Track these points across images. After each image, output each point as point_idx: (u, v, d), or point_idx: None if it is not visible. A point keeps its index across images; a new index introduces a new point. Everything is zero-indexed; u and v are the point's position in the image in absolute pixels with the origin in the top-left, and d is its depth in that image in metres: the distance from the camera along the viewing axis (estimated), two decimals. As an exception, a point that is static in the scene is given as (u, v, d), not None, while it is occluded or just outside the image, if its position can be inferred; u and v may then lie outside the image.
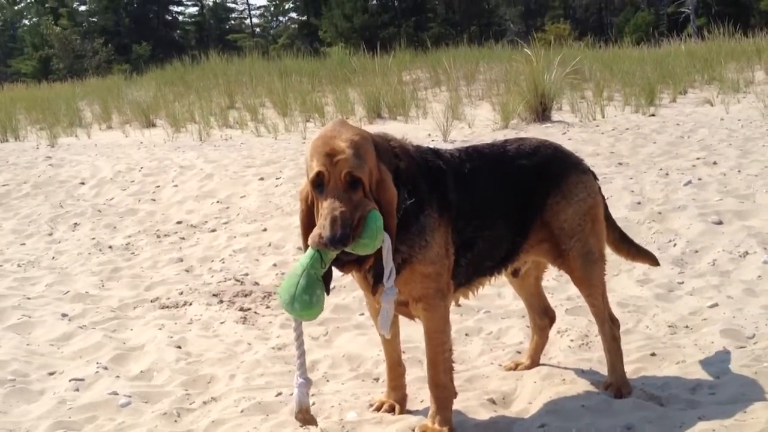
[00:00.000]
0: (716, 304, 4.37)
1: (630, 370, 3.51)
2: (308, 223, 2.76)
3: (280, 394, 3.53)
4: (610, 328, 3.38)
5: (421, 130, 12.62)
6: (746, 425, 2.93)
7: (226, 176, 9.14)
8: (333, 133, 2.72)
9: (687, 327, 4.13)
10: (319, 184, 2.65)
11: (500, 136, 11.01)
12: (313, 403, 3.37)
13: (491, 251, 3.20)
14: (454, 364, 3.10)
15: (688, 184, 6.90)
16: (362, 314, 4.64)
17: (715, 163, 7.72)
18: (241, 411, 3.37)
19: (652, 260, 3.79)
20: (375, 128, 13.20)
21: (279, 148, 11.29)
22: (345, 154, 2.63)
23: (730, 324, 4.05)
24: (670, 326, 4.14)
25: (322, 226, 2.56)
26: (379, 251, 2.66)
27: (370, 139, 2.77)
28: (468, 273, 3.15)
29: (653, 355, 3.73)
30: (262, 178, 8.79)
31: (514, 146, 3.34)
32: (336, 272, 2.81)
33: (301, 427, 2.72)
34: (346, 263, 2.69)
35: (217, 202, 8.11)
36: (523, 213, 3.26)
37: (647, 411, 3.11)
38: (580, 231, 3.29)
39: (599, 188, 3.47)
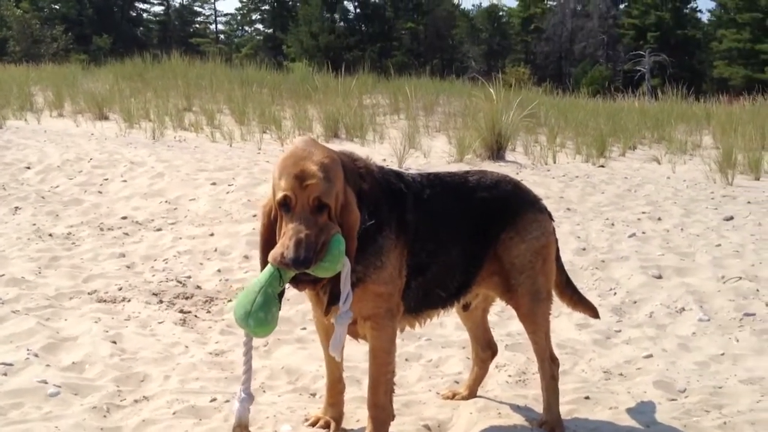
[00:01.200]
0: (651, 355, 4.46)
1: (564, 410, 3.56)
2: (268, 237, 2.74)
3: (214, 399, 3.49)
4: (549, 366, 3.43)
5: (377, 154, 12.64)
6: (673, 475, 2.99)
7: (177, 177, 9.03)
8: (304, 153, 2.71)
9: (621, 374, 4.20)
10: (285, 205, 2.64)
11: (454, 169, 11.13)
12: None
13: (444, 279, 3.23)
14: (394, 387, 3.10)
15: (632, 237, 7.06)
16: (304, 328, 4.62)
17: (659, 219, 7.91)
18: (174, 413, 3.31)
19: (593, 312, 3.86)
20: (335, 147, 13.27)
21: (233, 156, 11.19)
22: (315, 179, 2.64)
23: (663, 376, 4.14)
24: (605, 372, 4.21)
25: (286, 246, 2.55)
26: (338, 274, 2.66)
27: (339, 162, 2.77)
28: (418, 298, 3.17)
29: (587, 398, 3.79)
30: (214, 183, 8.71)
31: (476, 178, 3.39)
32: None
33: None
34: (302, 282, 2.68)
35: (166, 201, 8.00)
36: (478, 244, 3.30)
37: (579, 453, 3.15)
38: (531, 268, 3.34)
39: (553, 229, 3.53)
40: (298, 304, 4.95)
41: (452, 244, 3.22)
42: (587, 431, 3.42)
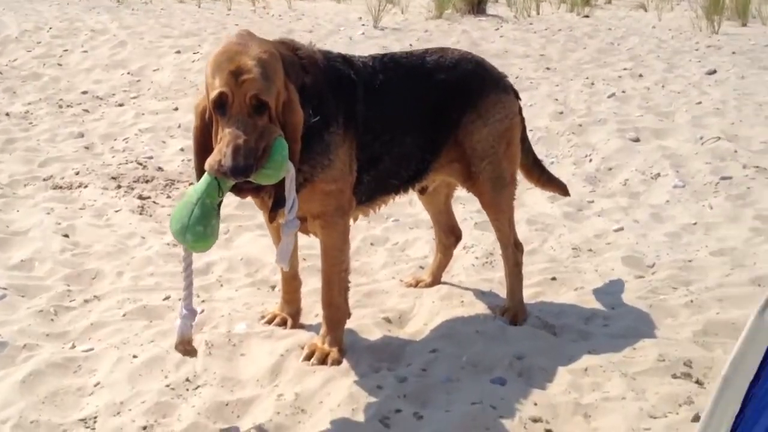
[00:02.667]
0: (622, 228, 4.36)
1: (529, 294, 3.47)
2: (203, 141, 2.50)
3: (168, 297, 3.38)
4: (513, 253, 3.32)
5: (352, 11, 12.18)
6: (633, 362, 2.93)
7: (141, 45, 8.66)
8: (239, 48, 2.43)
9: (590, 250, 4.11)
10: (221, 105, 2.36)
11: (432, 26, 10.72)
12: (202, 311, 3.24)
13: (398, 169, 3.05)
14: (350, 284, 2.99)
15: (612, 97, 6.84)
16: (266, 212, 4.48)
17: (641, 75, 7.66)
18: (124, 315, 3.21)
19: (563, 190, 3.71)
20: (306, 6, 12.74)
21: (201, 18, 10.73)
22: (252, 74, 2.35)
23: (633, 251, 4.05)
24: (574, 248, 4.12)
25: (223, 154, 2.30)
26: (282, 179, 2.46)
27: (278, 57, 2.50)
28: (370, 190, 3.00)
29: (554, 279, 3.70)
30: (179, 51, 8.36)
31: (434, 58, 3.14)
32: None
33: (182, 355, 2.57)
34: (243, 189, 2.47)
35: (128, 73, 7.69)
36: (436, 130, 3.09)
37: (539, 341, 3.08)
38: (493, 153, 3.16)
39: (520, 109, 3.32)
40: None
41: (408, 133, 3.02)
42: (551, 315, 3.34)
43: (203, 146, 2.50)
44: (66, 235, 4.01)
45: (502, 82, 3.26)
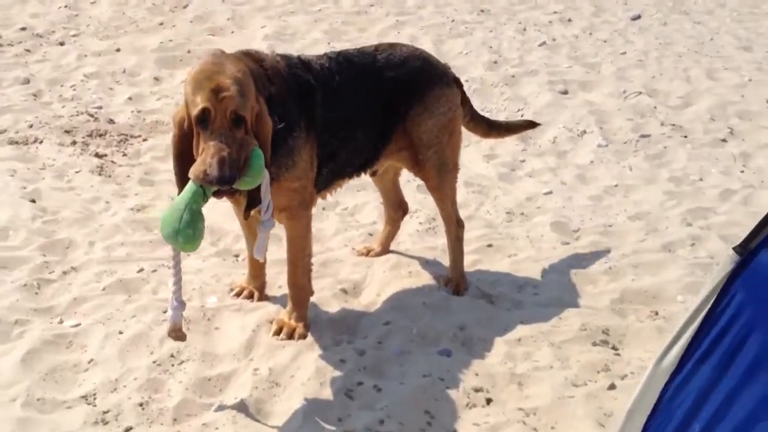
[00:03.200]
0: (550, 192, 4.78)
1: (468, 262, 3.87)
2: (182, 148, 2.77)
3: (141, 270, 3.67)
4: (455, 229, 3.70)
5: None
6: (559, 332, 3.39)
7: (73, -26, 8.49)
8: (216, 67, 2.70)
9: (522, 214, 4.53)
10: (203, 120, 2.64)
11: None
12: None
13: (352, 159, 3.38)
14: (312, 266, 3.33)
15: (543, 45, 7.18)
16: (221, 172, 4.73)
17: (570, 20, 8.00)
18: (103, 289, 3.49)
19: (529, 124, 4.13)
20: None
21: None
22: (230, 92, 2.63)
23: (560, 215, 4.48)
24: (507, 212, 4.53)
25: (209, 165, 2.58)
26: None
27: (249, 74, 2.77)
28: (328, 180, 3.33)
29: (489, 246, 4.11)
30: (113, -18, 8.25)
31: (384, 56, 3.43)
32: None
33: (174, 340, 2.89)
34: (222, 193, 2.75)
35: (65, 6, 7.61)
36: (387, 123, 3.42)
37: (479, 311, 3.50)
38: (438, 143, 3.50)
39: (465, 98, 3.65)
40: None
41: (362, 128, 3.34)
42: (488, 284, 3.76)
43: (182, 153, 2.78)
44: (33, 200, 4.21)
45: (446, 77, 3.57)
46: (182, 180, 2.76)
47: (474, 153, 5.25)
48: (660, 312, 3.59)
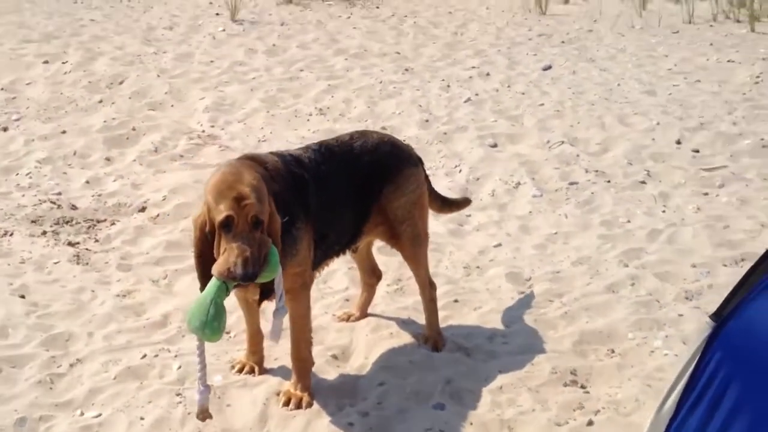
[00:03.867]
0: (500, 244, 5.23)
1: (440, 318, 4.27)
2: (204, 249, 3.09)
3: (144, 356, 3.91)
4: (429, 292, 4.10)
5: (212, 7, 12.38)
6: (534, 376, 3.82)
7: (3, 55, 8.62)
8: (234, 177, 3.05)
9: (478, 268, 4.96)
10: (227, 225, 2.96)
11: (286, 14, 11.17)
12: (179, 367, 3.82)
13: (340, 239, 3.76)
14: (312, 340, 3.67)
15: (468, 101, 7.71)
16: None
17: (488, 74, 8.58)
18: (114, 377, 3.72)
19: (466, 202, 4.64)
20: None
21: (54, 13, 10.61)
22: (251, 199, 2.98)
23: (512, 266, 4.94)
24: (465, 267, 4.95)
25: (233, 263, 2.90)
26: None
27: (262, 180, 3.12)
28: (320, 260, 3.69)
29: (456, 301, 4.52)
30: (46, 61, 8.42)
31: (359, 143, 3.82)
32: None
33: (202, 421, 3.17)
34: (242, 286, 3.09)
35: (1, 89, 7.74)
36: (365, 203, 3.81)
37: (459, 365, 3.90)
38: (410, 217, 3.91)
39: (426, 176, 4.07)
40: (179, 223, 5.30)
41: (346, 210, 3.72)
42: (462, 337, 4.16)
43: (204, 254, 3.11)
44: (23, 296, 4.39)
45: (412, 158, 4.01)
46: (204, 276, 3.09)
47: (424, 212, 5.66)
48: (616, 350, 4.06)
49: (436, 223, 5.52)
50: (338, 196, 3.67)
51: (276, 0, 12.00)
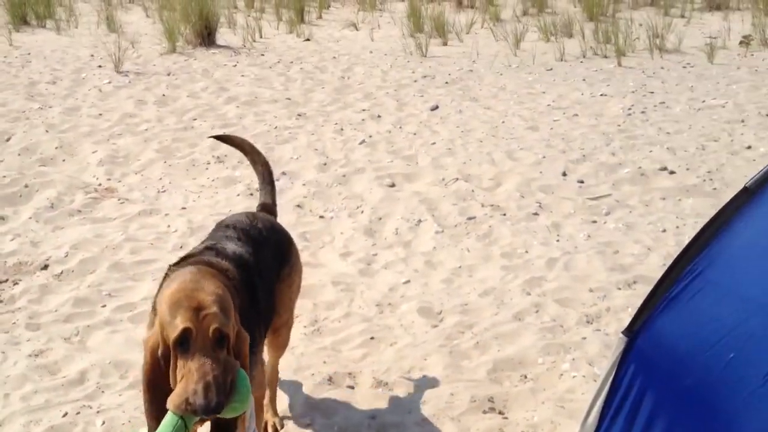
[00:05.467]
0: (408, 281, 5.40)
1: (358, 354, 4.41)
2: (156, 379, 2.50)
3: (66, 414, 3.85)
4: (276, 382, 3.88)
5: (80, 47, 12.20)
6: (455, 406, 3.98)
7: None
8: (195, 285, 2.53)
9: (390, 304, 5.11)
10: (184, 341, 2.40)
11: (171, 63, 11.14)
12: (103, 423, 3.78)
13: (268, 323, 3.38)
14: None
15: (363, 144, 7.92)
16: (104, 306, 4.95)
17: (379, 116, 8.83)
18: (38, 440, 3.65)
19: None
20: (29, 41, 12.45)
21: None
22: (213, 309, 2.44)
23: (423, 301, 5.11)
24: (377, 305, 5.09)
25: (193, 392, 2.32)
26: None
27: (227, 289, 2.63)
28: None
29: (372, 338, 4.65)
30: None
31: (258, 224, 3.44)
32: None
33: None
34: (206, 421, 2.51)
35: None
36: (275, 283, 3.44)
37: (382, 400, 4.03)
38: (294, 299, 3.68)
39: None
40: (85, 277, 5.23)
41: (271, 294, 3.36)
42: (381, 373, 4.29)
43: (155, 385, 2.49)
44: (-73, 364, 4.23)
45: (292, 239, 3.72)
46: (156, 413, 2.47)
47: (330, 252, 5.80)
48: (528, 375, 4.28)
49: (345, 264, 5.66)
50: (268, 284, 3.29)
51: (159, 50, 11.93)
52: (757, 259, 2.36)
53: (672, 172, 7.05)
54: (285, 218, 6.22)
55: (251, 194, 6.70)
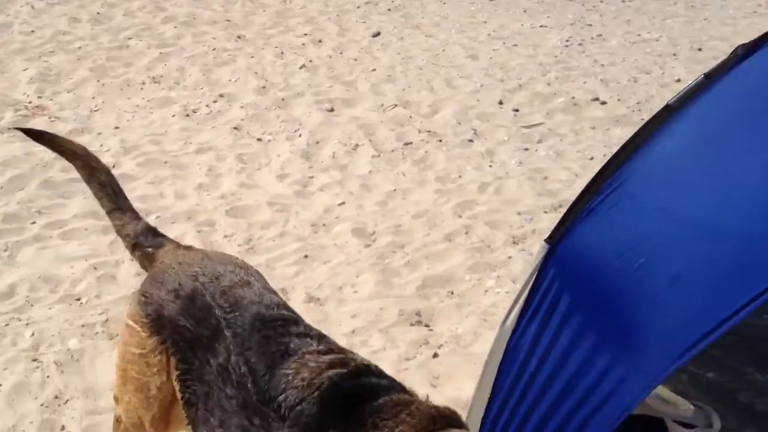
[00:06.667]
0: (344, 202, 5.46)
1: (291, 272, 4.48)
2: None
3: (-6, 326, 3.85)
4: None
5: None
6: (383, 320, 4.10)
7: None
8: None
9: (324, 225, 5.17)
10: None
11: None
12: (33, 334, 3.80)
13: None
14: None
15: (303, 68, 7.86)
16: (34, 222, 4.90)
17: (320, 41, 8.75)
18: (-36, 349, 3.65)
19: None
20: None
21: None
22: None
23: (356, 222, 5.18)
24: (312, 225, 5.15)
25: None
26: None
27: None
28: None
29: (306, 257, 4.72)
30: None
31: None
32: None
33: None
34: None
35: None
36: None
37: (314, 313, 4.10)
38: None
39: None
40: (16, 194, 5.16)
41: None
42: (313, 289, 4.37)
43: None
44: None
45: None
46: None
47: (267, 174, 5.81)
48: (454, 291, 4.42)
49: (281, 185, 5.68)
50: None
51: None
52: (672, 173, 2.47)
53: (603, 103, 7.20)
54: (221, 141, 6.26)
55: (187, 115, 6.64)
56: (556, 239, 2.44)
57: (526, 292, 2.44)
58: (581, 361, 2.26)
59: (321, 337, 2.33)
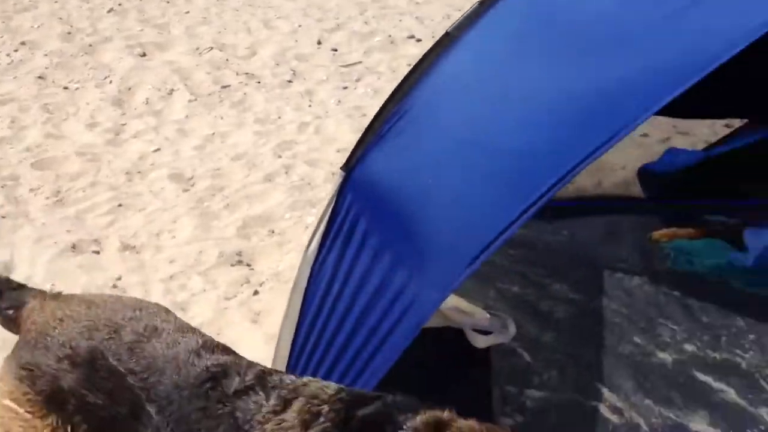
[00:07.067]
0: (159, 149, 5.33)
1: (104, 222, 4.35)
2: None
3: None
4: None
5: None
6: (203, 262, 4.07)
7: None
8: None
9: (139, 173, 5.03)
10: None
11: None
12: None
13: None
14: None
15: (111, 12, 7.52)
16: None
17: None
18: None
19: None
20: None
21: None
22: None
23: (173, 168, 5.08)
24: (126, 173, 5.00)
25: None
26: None
27: None
28: None
29: (120, 206, 4.59)
30: None
31: None
32: None
33: None
34: None
35: None
36: None
37: (129, 261, 4.03)
38: None
39: None
40: None
41: None
42: (129, 237, 4.27)
43: None
44: None
45: None
46: None
47: (75, 124, 5.56)
48: (275, 230, 4.44)
49: (91, 134, 5.47)
50: None
51: None
52: (454, 96, 2.59)
53: (419, 40, 7.34)
54: (24, 91, 5.92)
55: None
56: (351, 166, 2.51)
57: (326, 218, 2.50)
58: (380, 281, 2.35)
59: (262, 381, 1.79)
